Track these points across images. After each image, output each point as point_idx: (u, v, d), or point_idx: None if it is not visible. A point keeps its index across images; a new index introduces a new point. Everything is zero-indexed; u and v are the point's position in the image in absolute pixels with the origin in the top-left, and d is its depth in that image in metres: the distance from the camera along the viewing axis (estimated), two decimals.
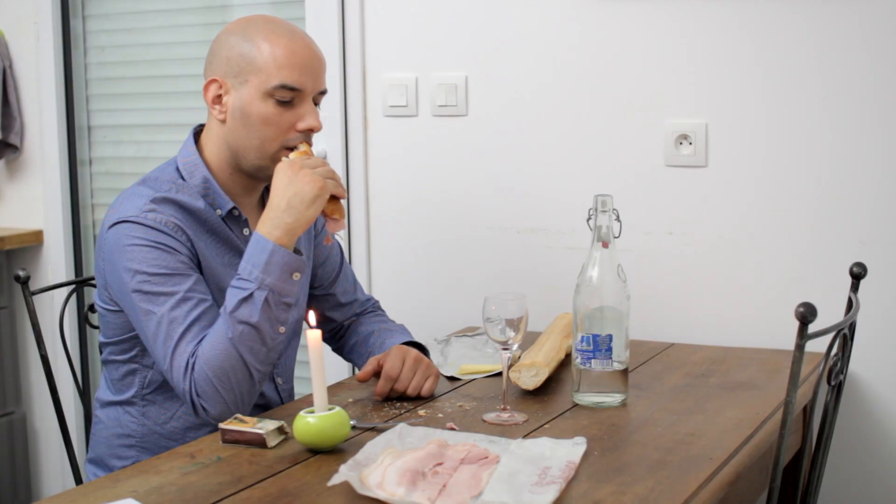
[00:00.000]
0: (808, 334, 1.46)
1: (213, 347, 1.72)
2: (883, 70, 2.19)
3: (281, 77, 1.82)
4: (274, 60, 1.82)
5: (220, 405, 1.74)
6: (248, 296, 1.72)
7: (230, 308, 1.72)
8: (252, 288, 1.72)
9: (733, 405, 1.84)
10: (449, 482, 1.44)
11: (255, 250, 1.74)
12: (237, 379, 1.73)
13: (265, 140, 1.84)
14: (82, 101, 3.19)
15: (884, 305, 2.22)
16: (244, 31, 1.86)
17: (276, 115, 1.83)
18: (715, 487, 1.49)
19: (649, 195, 2.40)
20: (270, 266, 1.72)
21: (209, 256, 1.86)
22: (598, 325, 1.81)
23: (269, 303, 1.72)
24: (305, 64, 1.84)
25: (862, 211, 2.23)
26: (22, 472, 3.24)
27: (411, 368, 1.89)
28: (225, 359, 1.72)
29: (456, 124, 2.60)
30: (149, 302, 1.76)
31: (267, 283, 1.72)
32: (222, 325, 1.73)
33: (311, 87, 1.86)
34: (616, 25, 2.40)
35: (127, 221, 1.79)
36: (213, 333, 1.73)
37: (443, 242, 2.64)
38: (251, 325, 1.72)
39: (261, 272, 1.72)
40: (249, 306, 1.72)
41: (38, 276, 3.21)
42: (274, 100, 1.83)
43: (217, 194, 1.88)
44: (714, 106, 2.34)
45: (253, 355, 1.73)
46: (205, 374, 1.72)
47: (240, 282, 1.74)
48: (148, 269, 1.77)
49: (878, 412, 2.26)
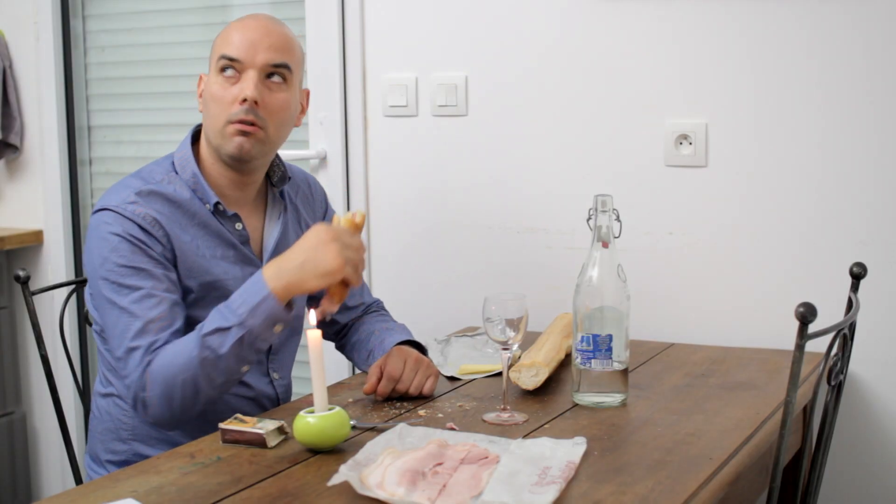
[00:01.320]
0: (808, 334, 1.46)
1: (175, 356, 1.74)
2: (882, 70, 2.19)
3: (222, 49, 1.88)
4: (225, 36, 1.89)
5: (160, 409, 1.76)
6: (226, 328, 1.72)
7: (205, 330, 1.73)
8: (232, 323, 1.72)
9: (733, 405, 1.84)
10: (449, 482, 1.44)
11: (251, 289, 1.75)
12: (184, 394, 1.74)
13: (216, 116, 1.88)
14: (82, 101, 3.19)
15: (884, 305, 2.22)
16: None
17: (221, 90, 1.87)
18: (715, 487, 1.49)
19: (649, 195, 2.40)
20: (257, 311, 1.72)
21: (194, 248, 1.87)
22: (598, 325, 1.81)
23: (243, 342, 1.73)
24: (248, 36, 1.87)
25: (862, 211, 2.23)
26: (22, 472, 3.24)
27: (412, 368, 1.89)
28: (180, 372, 1.73)
29: (456, 124, 2.60)
30: (113, 292, 1.79)
31: (247, 325, 1.72)
32: (192, 342, 1.74)
33: (251, 59, 1.86)
34: (616, 25, 2.40)
35: (107, 210, 1.83)
36: (181, 345, 1.75)
37: (443, 242, 2.64)
38: (218, 354, 1.73)
39: (247, 312, 1.72)
40: (223, 338, 1.72)
41: (38, 276, 3.21)
42: (221, 75, 1.87)
43: (203, 189, 1.90)
44: (714, 106, 2.34)
45: (208, 382, 1.74)
46: (159, 377, 1.74)
47: (226, 311, 1.74)
48: (117, 259, 1.80)
49: (878, 412, 2.26)
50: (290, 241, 1.99)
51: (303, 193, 2.11)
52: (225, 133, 1.86)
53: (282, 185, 2.01)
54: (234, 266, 1.92)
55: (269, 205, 2.02)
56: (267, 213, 2.01)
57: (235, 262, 1.92)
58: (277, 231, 1.99)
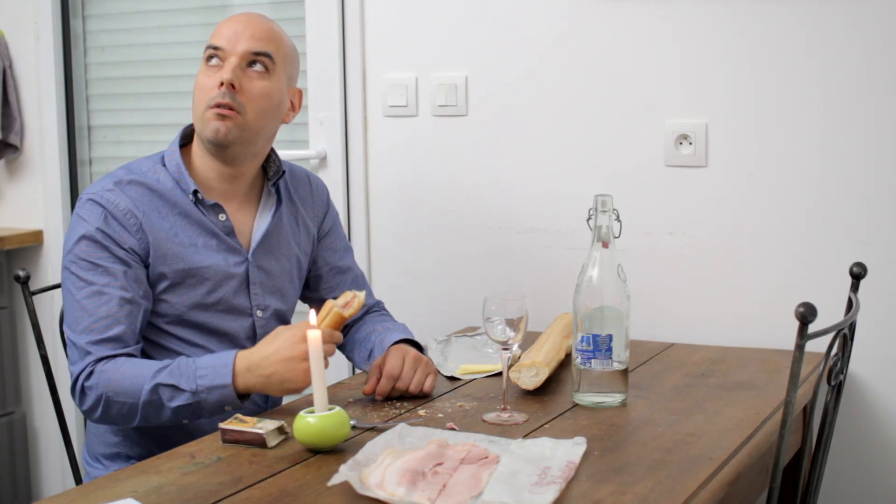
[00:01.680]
0: (808, 334, 1.46)
1: (125, 380, 1.79)
2: (882, 70, 2.19)
3: (209, 41, 1.93)
4: (213, 32, 1.94)
5: (92, 411, 1.83)
6: (182, 389, 1.77)
7: (163, 379, 1.77)
8: (188, 389, 1.77)
9: (733, 405, 1.84)
10: (449, 482, 1.44)
11: (219, 369, 1.78)
12: (119, 413, 1.81)
13: (197, 104, 1.93)
14: (82, 101, 3.19)
15: (884, 305, 2.22)
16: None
17: (204, 78, 1.92)
18: (715, 487, 1.49)
19: (649, 195, 2.40)
20: (214, 392, 1.77)
21: (171, 236, 1.90)
22: (598, 325, 1.81)
23: (190, 407, 1.78)
24: (231, 26, 1.93)
25: (862, 211, 2.23)
26: (22, 472, 3.24)
27: (412, 367, 1.90)
28: (123, 396, 1.79)
29: (456, 124, 2.60)
30: (71, 283, 1.86)
31: (200, 397, 1.78)
32: (146, 379, 1.78)
33: (231, 47, 1.91)
34: (616, 25, 2.40)
35: (87, 199, 1.89)
36: (134, 370, 1.80)
37: (443, 242, 2.64)
38: (163, 405, 1.78)
39: (205, 388, 1.77)
40: (174, 394, 1.78)
41: (38, 276, 3.21)
42: (206, 65, 1.92)
43: (185, 179, 1.93)
44: (714, 106, 2.34)
45: (145, 418, 1.81)
46: (102, 388, 1.80)
47: (188, 372, 1.78)
48: (79, 252, 1.86)
49: (878, 412, 2.26)
50: (282, 236, 2.03)
51: (303, 191, 2.12)
52: (204, 117, 1.90)
53: (275, 178, 2.04)
54: (216, 254, 1.94)
55: (262, 198, 2.04)
56: (259, 207, 2.03)
57: (218, 250, 1.95)
58: (266, 224, 2.01)
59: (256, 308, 1.99)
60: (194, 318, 1.93)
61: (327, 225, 2.16)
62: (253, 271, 1.98)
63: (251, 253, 1.98)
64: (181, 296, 1.90)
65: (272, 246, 2.02)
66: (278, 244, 2.03)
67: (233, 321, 1.96)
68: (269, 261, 2.01)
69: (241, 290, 1.97)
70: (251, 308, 1.98)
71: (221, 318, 1.95)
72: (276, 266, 2.02)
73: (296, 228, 2.07)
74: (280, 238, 2.03)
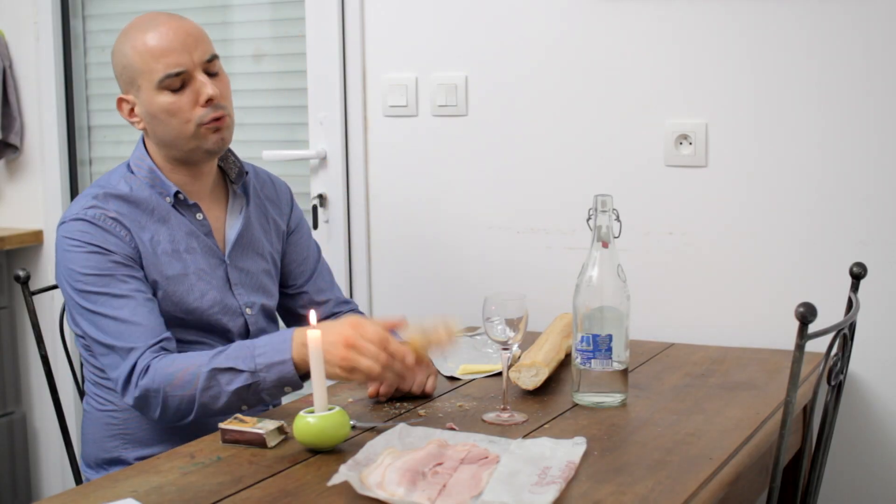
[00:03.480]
0: (808, 334, 1.46)
1: (179, 372, 1.77)
2: (882, 70, 2.19)
3: (160, 69, 1.88)
4: (148, 56, 1.88)
5: (150, 411, 1.80)
6: (240, 370, 1.76)
7: (220, 365, 1.76)
8: (247, 369, 1.76)
9: (733, 405, 1.84)
10: (449, 482, 1.44)
11: (278, 345, 1.77)
12: (178, 409, 1.79)
13: (178, 128, 1.90)
14: (82, 101, 3.19)
15: (884, 305, 2.22)
16: (120, 44, 1.94)
17: (174, 102, 1.89)
18: (715, 487, 1.49)
19: (649, 195, 2.40)
20: (273, 369, 1.75)
21: (154, 246, 1.91)
22: (598, 325, 1.81)
23: (249, 389, 1.76)
24: (173, 46, 1.88)
25: (862, 211, 2.23)
26: (22, 472, 3.24)
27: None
28: (180, 390, 1.77)
29: (456, 124, 2.60)
30: (85, 300, 1.84)
31: (259, 376, 1.76)
32: (202, 367, 1.76)
33: (191, 63, 1.90)
34: (616, 25, 2.40)
35: (67, 221, 1.88)
36: (188, 363, 1.78)
37: (443, 242, 2.64)
38: (222, 389, 1.76)
39: (264, 366, 1.75)
40: (233, 377, 1.76)
41: (38, 276, 3.20)
42: (168, 90, 1.89)
43: (162, 182, 1.94)
44: (714, 106, 2.34)
45: (204, 410, 1.78)
46: (158, 385, 1.77)
47: (246, 354, 1.77)
48: (81, 269, 1.85)
49: (878, 412, 2.26)
50: (254, 235, 2.05)
51: (268, 190, 2.14)
52: (199, 135, 1.91)
53: (240, 180, 2.05)
54: (199, 258, 1.95)
55: (230, 199, 2.05)
56: (228, 207, 2.05)
57: (201, 253, 1.96)
58: (240, 224, 2.03)
59: (245, 306, 2.00)
60: (190, 321, 1.93)
61: (294, 222, 2.17)
62: (232, 272, 2.00)
63: (227, 255, 2.00)
64: (174, 303, 1.91)
65: (246, 246, 2.03)
66: (251, 243, 2.04)
67: (228, 320, 1.98)
68: (245, 260, 2.03)
69: (227, 290, 1.98)
70: (240, 307, 2.00)
71: (216, 318, 1.96)
72: (253, 265, 2.04)
73: (266, 226, 2.09)
74: (252, 237, 2.05)
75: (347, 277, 2.73)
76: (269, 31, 2.92)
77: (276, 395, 1.80)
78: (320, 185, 2.76)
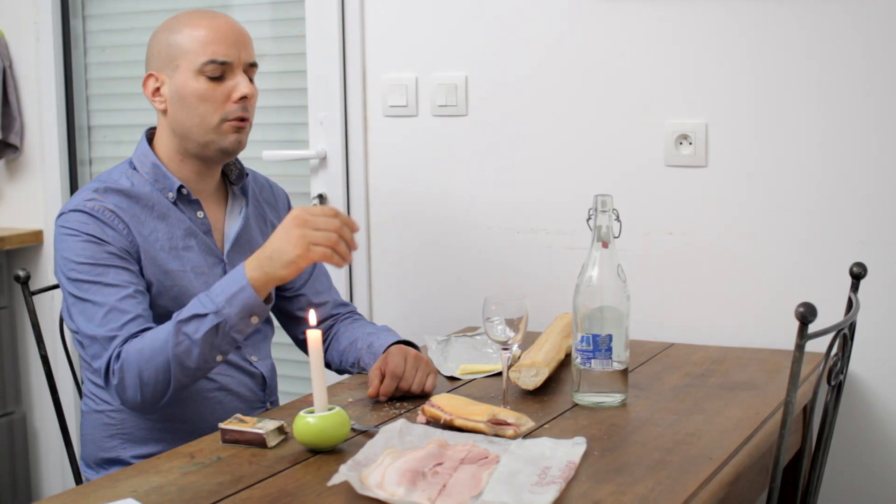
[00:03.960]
0: (808, 334, 1.46)
1: (150, 341, 1.77)
2: (882, 70, 2.19)
3: (207, 53, 1.91)
4: (199, 40, 1.91)
5: (132, 392, 1.79)
6: (202, 314, 1.76)
7: (182, 317, 1.77)
8: (209, 310, 1.76)
9: (733, 405, 1.84)
10: (449, 482, 1.44)
11: (231, 279, 1.78)
12: (157, 379, 1.77)
13: (204, 116, 1.92)
14: (82, 101, 3.19)
15: (884, 305, 2.22)
16: (170, 25, 1.96)
17: (209, 90, 1.92)
18: (715, 487, 1.49)
19: (649, 195, 2.40)
20: (235, 300, 1.76)
21: (152, 242, 1.91)
22: (598, 325, 1.81)
23: (218, 330, 1.76)
24: (228, 38, 1.93)
25: (862, 211, 2.23)
26: (22, 472, 3.24)
27: (413, 366, 1.90)
28: (154, 357, 1.76)
29: (456, 124, 2.60)
30: (77, 289, 1.85)
31: (224, 313, 1.75)
32: (167, 328, 1.77)
33: (237, 59, 1.93)
34: (616, 26, 2.40)
35: (66, 212, 1.89)
36: (156, 332, 1.78)
37: (443, 242, 2.64)
38: (192, 340, 1.76)
39: (224, 301, 1.76)
40: (198, 324, 1.76)
41: (38, 276, 3.20)
42: (205, 77, 1.92)
43: (165, 177, 1.95)
44: (714, 106, 2.34)
45: (181, 368, 1.77)
46: (133, 362, 1.77)
47: (204, 299, 1.78)
48: (76, 258, 1.85)
49: (878, 412, 2.27)
50: (252, 236, 2.05)
51: (266, 194, 2.16)
52: (221, 130, 1.92)
53: (240, 181, 2.06)
54: (197, 256, 1.96)
55: (230, 199, 2.06)
56: (228, 207, 2.06)
57: (199, 251, 1.97)
58: (239, 224, 2.04)
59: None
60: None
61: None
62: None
63: (226, 254, 2.01)
64: (170, 299, 1.91)
65: (244, 246, 2.04)
66: (249, 244, 2.05)
67: None
68: (243, 260, 2.01)
69: None
70: None
71: None
72: None
73: (264, 228, 2.10)
74: (250, 238, 2.06)
75: (347, 277, 2.73)
76: (269, 31, 2.92)
77: (245, 331, 1.79)
78: (320, 185, 2.76)
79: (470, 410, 1.67)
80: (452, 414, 1.67)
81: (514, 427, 1.64)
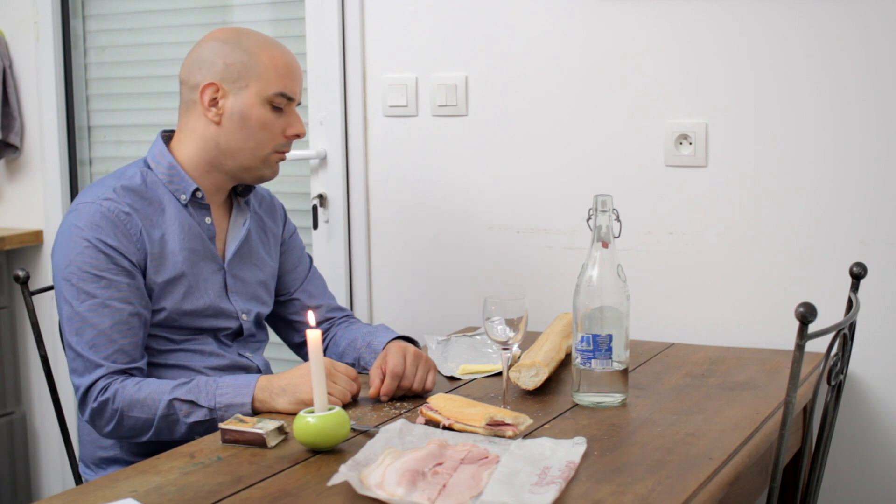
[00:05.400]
0: (808, 334, 1.46)
1: (140, 394, 1.82)
2: (882, 70, 2.19)
3: (279, 85, 1.95)
4: (274, 69, 1.94)
5: (104, 427, 1.85)
6: (200, 405, 1.81)
7: (180, 395, 1.81)
8: (207, 405, 1.81)
9: (733, 405, 1.84)
10: (449, 482, 1.44)
11: (237, 390, 1.82)
12: (134, 427, 1.84)
13: (260, 143, 1.96)
14: (82, 101, 3.19)
15: (884, 305, 2.22)
16: (237, 40, 1.96)
17: (271, 120, 1.95)
18: (715, 487, 1.49)
19: (649, 195, 2.40)
20: (232, 408, 1.81)
21: (162, 244, 1.92)
22: (598, 325, 1.81)
23: (206, 423, 1.81)
24: (298, 75, 1.99)
25: (862, 211, 2.23)
26: (22, 472, 3.24)
27: (413, 364, 1.91)
28: (139, 411, 1.82)
29: (456, 124, 2.60)
30: (72, 295, 1.85)
31: (217, 414, 1.81)
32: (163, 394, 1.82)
33: (297, 96, 1.99)
34: (617, 26, 2.40)
35: (83, 203, 1.89)
36: (150, 388, 1.82)
37: (443, 242, 2.64)
38: (180, 419, 1.81)
39: (223, 406, 1.81)
40: (191, 409, 1.81)
41: (38, 276, 3.21)
42: (271, 106, 1.95)
43: (181, 178, 1.95)
44: (714, 106, 2.34)
45: (157, 433, 1.83)
46: (117, 405, 1.82)
47: (206, 391, 1.81)
48: (81, 264, 1.85)
49: (878, 412, 2.27)
50: (253, 247, 2.07)
51: (266, 205, 2.17)
52: (269, 160, 1.98)
53: (247, 194, 2.08)
54: (200, 261, 1.97)
55: (234, 210, 2.07)
56: (232, 217, 2.07)
57: (203, 257, 1.98)
58: (242, 235, 2.05)
59: (241, 312, 2.03)
60: (184, 323, 1.94)
61: (287, 233, 2.20)
62: (230, 280, 2.02)
63: (227, 262, 2.02)
64: (171, 303, 1.92)
65: (244, 256, 2.05)
66: (249, 254, 2.06)
67: (222, 323, 1.99)
68: (243, 270, 2.05)
69: (223, 296, 2.00)
70: (237, 312, 2.01)
71: (210, 321, 1.98)
72: (250, 275, 2.06)
73: (265, 238, 2.12)
74: (251, 248, 2.07)
75: (347, 277, 2.73)
76: (269, 31, 2.92)
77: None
78: (320, 185, 2.76)
79: (467, 414, 1.67)
80: (451, 419, 1.67)
81: (513, 427, 1.64)
